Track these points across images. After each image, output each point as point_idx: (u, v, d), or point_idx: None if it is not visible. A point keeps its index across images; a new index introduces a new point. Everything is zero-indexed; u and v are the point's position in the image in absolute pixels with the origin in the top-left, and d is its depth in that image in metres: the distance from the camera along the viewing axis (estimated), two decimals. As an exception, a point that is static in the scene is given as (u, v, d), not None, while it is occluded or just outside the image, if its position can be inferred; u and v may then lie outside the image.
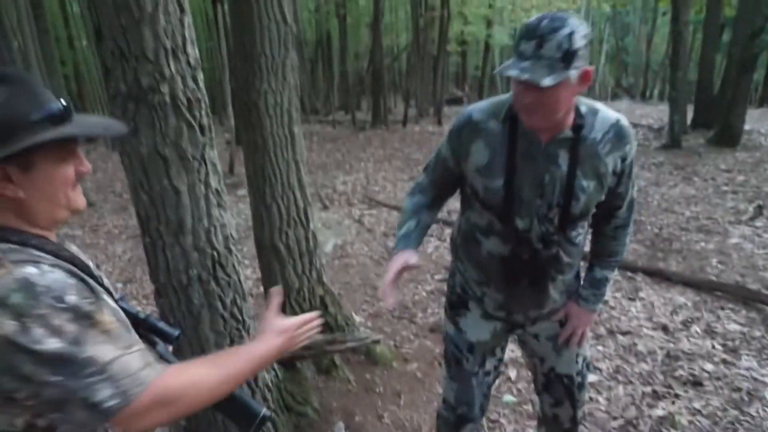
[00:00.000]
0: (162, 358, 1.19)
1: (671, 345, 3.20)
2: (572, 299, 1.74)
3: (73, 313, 0.85)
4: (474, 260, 1.72)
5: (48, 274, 0.86)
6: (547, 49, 1.27)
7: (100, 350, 0.86)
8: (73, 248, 1.11)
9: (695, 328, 3.37)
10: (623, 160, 1.51)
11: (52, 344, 0.82)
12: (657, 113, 13.13)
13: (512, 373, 3.00)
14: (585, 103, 1.52)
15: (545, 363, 1.83)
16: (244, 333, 2.21)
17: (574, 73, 1.31)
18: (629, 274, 4.25)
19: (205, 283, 2.03)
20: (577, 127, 1.47)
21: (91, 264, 1.11)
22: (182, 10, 1.80)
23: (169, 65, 1.77)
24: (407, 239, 1.71)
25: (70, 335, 0.84)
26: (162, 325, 1.20)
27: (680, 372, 2.92)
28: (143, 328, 1.19)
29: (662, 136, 9.95)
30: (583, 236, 1.64)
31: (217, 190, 2.03)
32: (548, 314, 1.74)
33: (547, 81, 1.27)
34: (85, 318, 0.86)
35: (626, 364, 3.05)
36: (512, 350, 3.02)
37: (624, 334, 3.38)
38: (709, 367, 2.95)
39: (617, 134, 1.49)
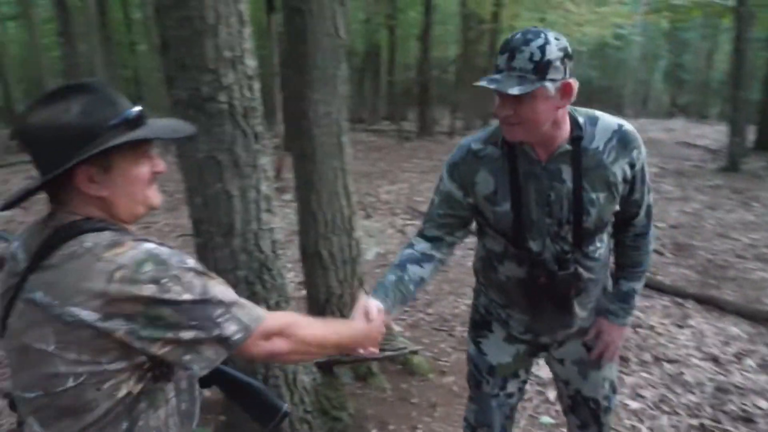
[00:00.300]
0: None
1: (722, 377, 3.08)
2: (601, 315, 1.70)
3: (194, 271, 1.01)
4: (495, 285, 1.70)
5: (161, 247, 1.01)
6: (518, 60, 1.29)
7: (223, 295, 1.03)
8: None
9: (749, 362, 3.24)
10: (632, 166, 1.48)
11: (188, 296, 0.97)
12: (714, 134, 12.68)
13: (551, 395, 2.95)
14: (583, 114, 1.50)
15: (570, 386, 1.80)
16: (286, 336, 2.26)
17: (550, 85, 1.31)
18: (679, 300, 4.12)
19: (251, 284, 2.09)
20: (576, 139, 1.45)
21: None
22: (242, 23, 1.88)
23: (227, 75, 1.85)
24: (380, 290, 1.56)
25: (198, 288, 0.99)
26: None
27: (731, 407, 2.81)
28: None
29: (719, 157, 9.61)
30: (605, 249, 1.61)
31: (266, 196, 2.09)
32: (577, 333, 1.70)
33: (514, 90, 1.29)
34: (204, 274, 1.02)
35: (672, 393, 2.96)
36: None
37: (671, 362, 3.27)
38: (763, 404, 2.83)
39: (621, 140, 1.47)
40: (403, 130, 15.54)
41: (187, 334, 0.98)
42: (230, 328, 1.02)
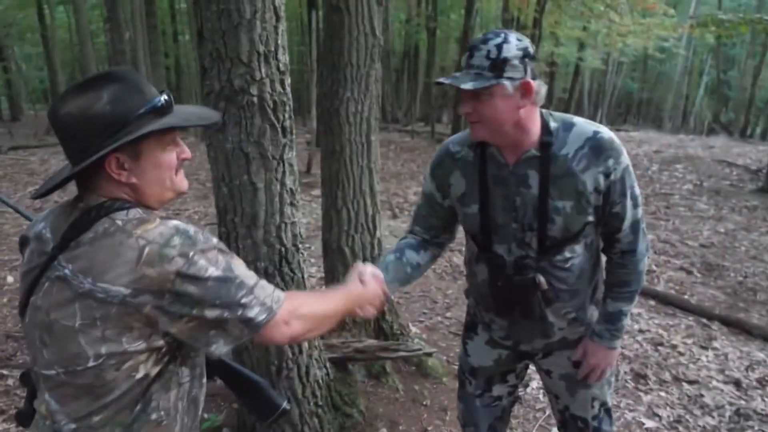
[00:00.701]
0: None
1: (743, 402, 3.01)
2: (586, 339, 1.63)
3: (219, 248, 1.04)
4: (475, 288, 1.71)
5: (188, 225, 1.05)
6: (476, 58, 1.32)
7: (245, 275, 1.06)
8: None
9: (772, 388, 3.15)
10: (606, 176, 1.41)
11: (213, 272, 1.00)
12: (756, 153, 12.31)
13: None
14: (559, 119, 1.47)
15: (560, 401, 1.78)
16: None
17: (507, 83, 1.32)
18: (704, 320, 4.03)
19: (271, 276, 2.12)
20: (545, 144, 1.42)
21: None
22: (278, 18, 1.91)
23: (260, 69, 1.88)
24: (379, 265, 1.62)
25: (223, 264, 1.03)
26: None
27: (749, 432, 2.74)
28: None
29: (759, 178, 9.33)
30: (582, 261, 1.53)
31: (291, 190, 2.12)
32: (560, 344, 1.65)
33: (467, 85, 1.31)
34: (228, 252, 1.06)
35: (689, 415, 2.90)
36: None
37: (690, 383, 3.20)
38: (783, 431, 2.75)
39: (594, 148, 1.41)
40: (436, 132, 15.50)
41: (211, 313, 1.01)
42: (254, 309, 1.05)
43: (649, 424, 2.81)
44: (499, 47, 1.30)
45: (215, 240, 1.06)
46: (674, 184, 9.15)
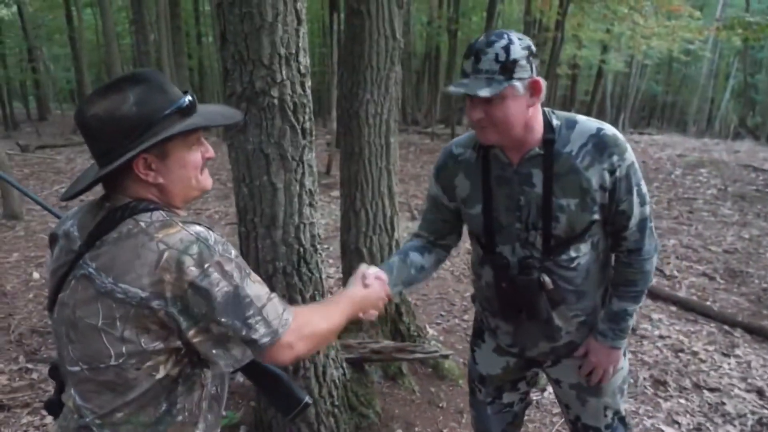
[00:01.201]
0: None
1: (765, 411, 2.95)
2: (590, 338, 1.61)
3: (236, 262, 1.05)
4: (480, 292, 1.70)
5: (210, 232, 1.05)
6: (484, 62, 1.29)
7: (257, 295, 1.06)
8: None
9: (796, 398, 3.09)
10: (611, 172, 1.40)
11: (225, 287, 1.01)
12: (783, 158, 12.06)
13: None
14: (562, 117, 1.46)
15: (571, 411, 1.75)
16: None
17: (518, 84, 1.31)
18: (726, 327, 3.96)
19: (289, 276, 2.15)
20: (548, 142, 1.41)
21: None
22: (299, 21, 1.94)
23: (281, 71, 1.91)
24: (384, 266, 1.63)
25: (237, 279, 1.03)
26: None
27: (771, 441, 2.70)
28: None
29: (786, 183, 9.13)
30: (589, 261, 1.51)
31: (310, 191, 2.14)
32: (567, 349, 1.63)
33: (485, 92, 1.28)
34: (243, 268, 1.06)
35: (710, 423, 2.85)
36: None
37: (712, 390, 3.15)
38: (806, 442, 2.70)
39: (597, 145, 1.40)
40: (456, 134, 15.46)
41: (216, 328, 1.02)
42: (258, 332, 1.05)
43: (669, 431, 2.78)
44: (507, 49, 1.28)
45: (234, 253, 1.06)
46: (698, 188, 9.00)
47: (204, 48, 21.67)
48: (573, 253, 1.48)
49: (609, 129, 1.43)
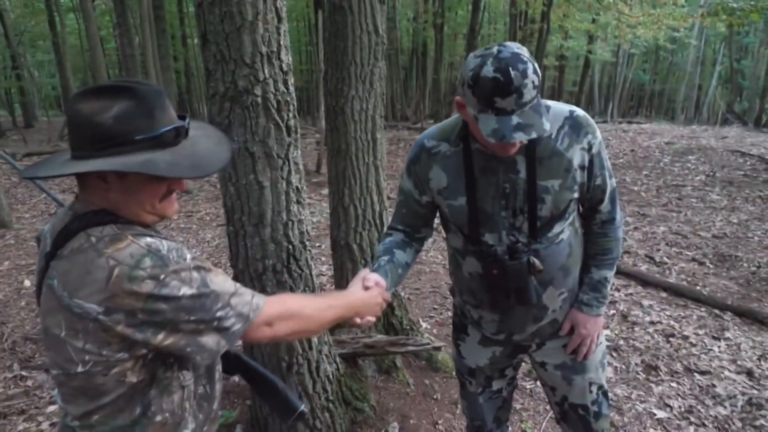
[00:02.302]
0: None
1: (755, 392, 2.99)
2: (573, 308, 1.66)
3: (193, 266, 1.03)
4: (463, 284, 1.71)
5: (163, 242, 1.03)
6: (526, 96, 1.25)
7: (222, 288, 1.06)
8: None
9: (785, 377, 3.13)
10: (588, 150, 1.47)
11: (187, 291, 1.00)
12: (770, 143, 12.16)
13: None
14: None
15: (557, 392, 1.78)
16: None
17: None
18: (716, 311, 4.00)
19: (279, 273, 2.16)
20: None
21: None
22: (279, 19, 1.94)
23: (263, 69, 1.91)
24: (379, 270, 1.61)
25: (197, 281, 1.02)
26: None
27: (762, 422, 2.73)
28: None
29: (773, 167, 9.21)
30: (570, 236, 1.58)
31: (297, 188, 2.15)
32: (551, 328, 1.67)
33: (547, 127, 1.28)
34: (203, 268, 1.05)
35: (701, 405, 2.89)
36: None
37: (702, 373, 3.19)
38: (796, 420, 2.74)
39: (573, 126, 1.46)
40: (445, 129, 15.46)
41: (186, 327, 1.02)
42: (229, 320, 1.06)
43: (660, 414, 2.81)
44: (535, 72, 1.26)
45: (189, 257, 1.03)
46: (686, 175, 9.07)
47: (190, 50, 21.55)
48: (557, 229, 1.54)
49: (579, 111, 1.49)
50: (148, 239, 1.02)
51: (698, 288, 4.46)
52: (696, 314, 3.98)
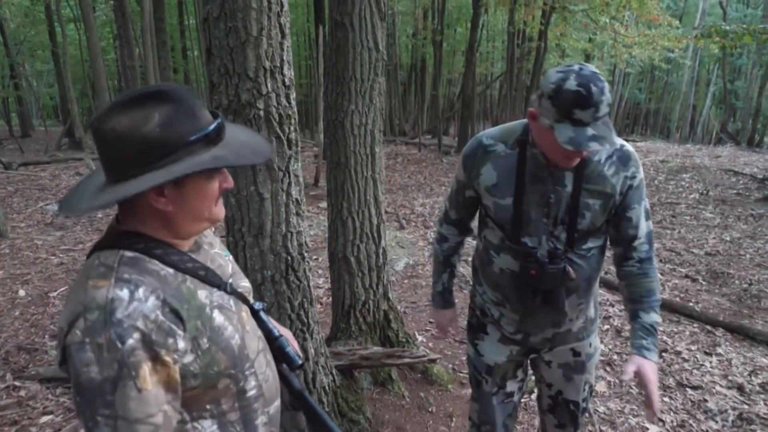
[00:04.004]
0: (284, 377, 1.30)
1: (745, 407, 3.02)
2: (635, 355, 1.61)
3: (123, 358, 0.88)
4: (490, 280, 1.79)
5: (134, 303, 0.90)
6: (602, 111, 1.38)
7: (122, 403, 0.89)
8: (213, 251, 1.17)
9: (776, 393, 3.16)
10: (631, 179, 1.58)
11: (92, 373, 0.87)
12: (763, 162, 12.27)
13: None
14: None
15: (553, 387, 1.90)
16: (308, 335, 2.34)
17: None
18: (708, 327, 4.04)
19: (277, 284, 2.19)
20: None
21: (228, 268, 1.18)
22: (283, 35, 1.99)
23: (266, 84, 1.96)
24: (446, 296, 2.01)
25: (109, 373, 0.87)
26: (289, 350, 1.28)
27: (752, 437, 2.76)
28: (273, 347, 1.26)
29: (765, 186, 9.31)
30: (597, 253, 1.68)
31: (297, 200, 2.18)
32: (565, 336, 1.77)
33: (617, 141, 1.43)
34: (129, 368, 0.88)
35: (693, 419, 2.92)
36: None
37: (694, 388, 3.22)
38: (786, 435, 2.77)
39: (620, 157, 1.58)
40: (443, 145, 15.59)
41: (74, 404, 0.92)
42: None
43: (653, 429, 2.83)
44: (609, 91, 1.39)
45: (133, 344, 0.88)
46: (681, 193, 9.16)
47: (190, 62, 21.70)
48: (590, 244, 1.65)
49: (628, 146, 1.61)
50: (124, 292, 0.91)
51: (691, 304, 4.49)
52: (689, 330, 4.01)
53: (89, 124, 1.00)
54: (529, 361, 1.95)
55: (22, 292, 4.83)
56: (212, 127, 0.98)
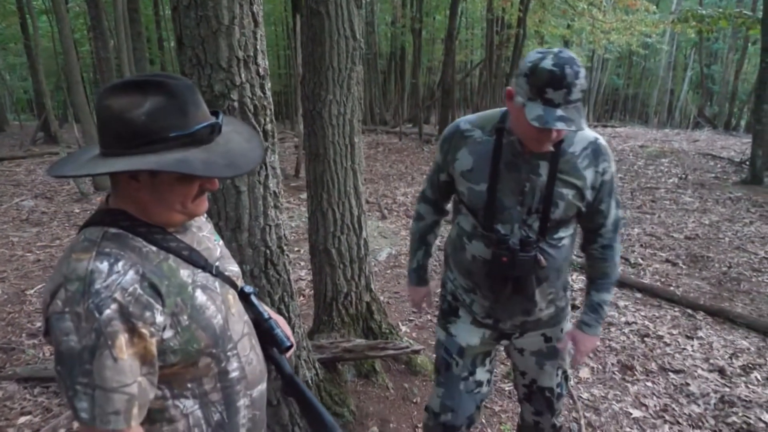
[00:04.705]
0: (275, 361, 1.34)
1: (727, 389, 3.06)
2: (574, 326, 1.83)
3: (100, 328, 0.90)
4: (462, 266, 1.80)
5: (113, 275, 0.93)
6: (574, 94, 1.39)
7: (99, 372, 0.91)
8: (201, 234, 1.19)
9: (756, 375, 3.21)
10: (602, 174, 1.62)
11: (71, 342, 0.90)
12: (740, 146, 12.43)
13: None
14: None
15: (527, 376, 1.93)
16: (289, 330, 2.30)
17: None
18: (689, 311, 4.09)
19: (257, 278, 2.15)
20: (559, 141, 1.57)
21: (216, 251, 1.21)
22: (256, 24, 1.94)
23: (240, 74, 1.90)
24: (420, 273, 2.05)
25: (87, 342, 0.90)
26: (278, 332, 1.30)
27: (734, 419, 2.79)
28: (262, 329, 1.30)
29: (743, 170, 9.45)
30: (568, 243, 1.72)
31: (274, 192, 2.14)
32: (535, 323, 1.81)
33: (584, 126, 1.43)
34: (105, 337, 0.91)
35: (675, 403, 2.95)
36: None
37: (676, 372, 3.26)
38: (766, 417, 2.80)
39: (594, 151, 1.61)
40: (424, 133, 15.55)
41: (56, 374, 0.95)
42: (80, 404, 0.92)
43: (636, 413, 2.86)
44: (585, 78, 1.39)
45: (110, 314, 0.91)
46: (660, 178, 9.25)
47: (166, 53, 21.32)
48: (562, 233, 1.68)
49: (602, 139, 1.64)
50: (104, 264, 0.94)
51: (672, 288, 4.54)
52: (670, 314, 4.06)
53: (95, 99, 1.01)
54: (503, 350, 1.97)
55: (-3, 291, 4.72)
56: (197, 128, 0.98)
